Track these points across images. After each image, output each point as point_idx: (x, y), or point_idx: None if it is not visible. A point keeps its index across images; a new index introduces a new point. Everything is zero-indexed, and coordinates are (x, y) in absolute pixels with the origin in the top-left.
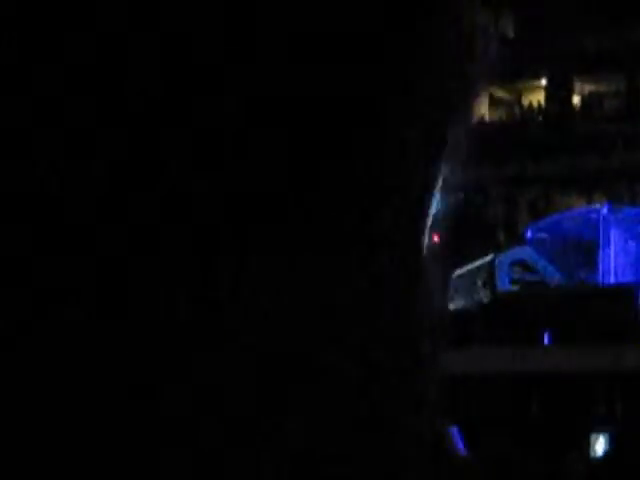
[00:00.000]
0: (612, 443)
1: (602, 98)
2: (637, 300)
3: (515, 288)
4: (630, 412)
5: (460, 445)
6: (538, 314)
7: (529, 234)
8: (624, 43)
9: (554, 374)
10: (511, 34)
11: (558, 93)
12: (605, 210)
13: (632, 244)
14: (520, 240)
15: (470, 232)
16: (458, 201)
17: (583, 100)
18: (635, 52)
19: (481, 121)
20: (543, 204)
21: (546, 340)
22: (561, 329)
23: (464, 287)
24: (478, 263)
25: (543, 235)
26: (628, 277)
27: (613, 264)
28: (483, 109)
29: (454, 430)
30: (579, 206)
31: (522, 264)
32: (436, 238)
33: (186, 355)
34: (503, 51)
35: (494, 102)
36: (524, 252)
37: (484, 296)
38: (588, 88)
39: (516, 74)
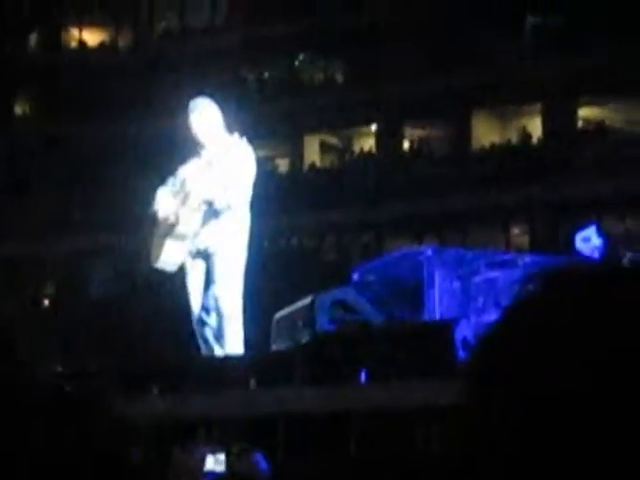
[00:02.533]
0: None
1: (431, 142)
2: (453, 335)
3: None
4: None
5: (265, 469)
6: (356, 353)
7: (356, 277)
8: (449, 88)
9: (371, 412)
10: (341, 80)
11: (388, 139)
12: (429, 252)
13: (457, 284)
14: (347, 283)
15: (302, 278)
16: (290, 247)
17: (412, 145)
18: (461, 96)
19: (312, 167)
20: (375, 249)
21: (363, 378)
22: (379, 367)
23: (285, 329)
24: (299, 304)
25: (370, 277)
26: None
27: (438, 305)
28: (314, 155)
29: (259, 456)
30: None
31: (343, 305)
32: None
33: None
34: (333, 98)
35: (325, 148)
36: (345, 293)
37: (304, 336)
38: (417, 133)
39: (347, 121)
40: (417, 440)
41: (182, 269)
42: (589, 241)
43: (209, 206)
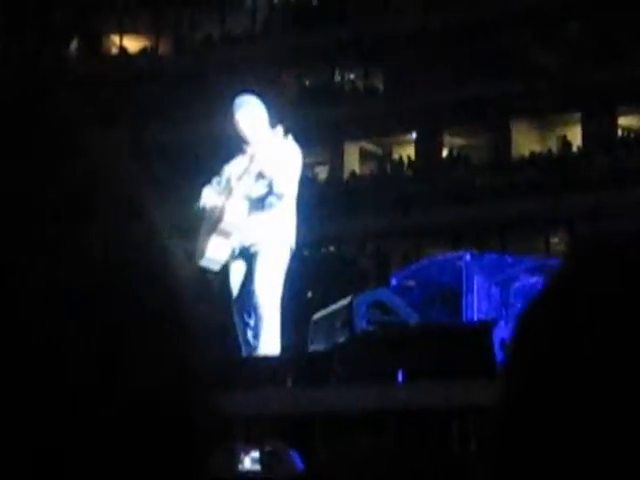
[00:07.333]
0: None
1: (470, 150)
2: (491, 337)
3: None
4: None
5: (299, 467)
6: (393, 352)
7: (394, 281)
8: (491, 96)
9: (408, 412)
10: (381, 88)
11: (427, 147)
12: (468, 257)
13: (495, 290)
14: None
15: (343, 285)
16: (329, 254)
17: (451, 153)
18: (501, 105)
19: (352, 175)
20: (414, 255)
21: (400, 378)
22: (416, 367)
23: (323, 329)
24: (337, 306)
25: (408, 282)
26: None
27: (476, 310)
28: (354, 163)
29: (293, 454)
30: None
31: (381, 306)
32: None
33: None
34: (374, 106)
35: (365, 156)
36: (383, 294)
37: (341, 337)
38: (457, 141)
39: (386, 128)
40: (454, 440)
41: (226, 269)
42: None
43: (252, 200)
